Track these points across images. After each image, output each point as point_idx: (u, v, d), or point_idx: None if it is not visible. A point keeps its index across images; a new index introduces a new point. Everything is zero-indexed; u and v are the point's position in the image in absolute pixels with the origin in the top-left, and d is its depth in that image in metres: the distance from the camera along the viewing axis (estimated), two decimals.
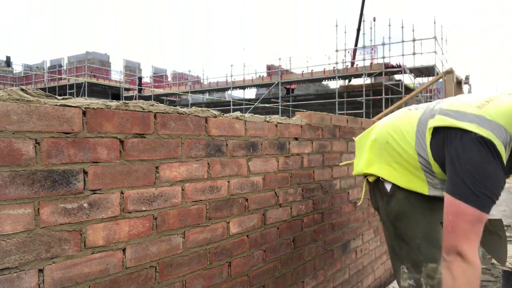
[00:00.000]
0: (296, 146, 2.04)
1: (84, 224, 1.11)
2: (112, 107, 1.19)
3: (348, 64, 17.46)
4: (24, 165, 0.98)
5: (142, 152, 1.27)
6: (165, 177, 1.34)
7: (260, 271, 1.79)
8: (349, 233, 2.57)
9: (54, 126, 1.04)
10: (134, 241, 1.24)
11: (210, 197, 1.52)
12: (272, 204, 1.86)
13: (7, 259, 0.95)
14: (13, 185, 0.96)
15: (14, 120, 0.97)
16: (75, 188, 1.09)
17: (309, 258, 2.15)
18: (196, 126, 1.46)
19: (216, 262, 1.55)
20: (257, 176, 1.77)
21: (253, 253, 1.74)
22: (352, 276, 2.63)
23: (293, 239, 2.02)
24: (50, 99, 1.06)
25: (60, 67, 26.05)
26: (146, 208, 1.28)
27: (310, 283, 2.16)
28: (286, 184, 1.97)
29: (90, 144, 1.12)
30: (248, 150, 1.72)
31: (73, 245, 1.08)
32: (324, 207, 2.29)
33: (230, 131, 1.62)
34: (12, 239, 0.96)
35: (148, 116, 1.29)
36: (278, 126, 1.91)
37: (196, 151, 1.47)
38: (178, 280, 1.39)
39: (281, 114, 16.72)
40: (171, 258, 1.36)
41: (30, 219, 0.99)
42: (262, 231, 1.80)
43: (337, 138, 2.45)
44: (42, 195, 1.02)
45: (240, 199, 1.67)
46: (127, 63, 26.45)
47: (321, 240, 2.26)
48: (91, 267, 1.12)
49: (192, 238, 1.44)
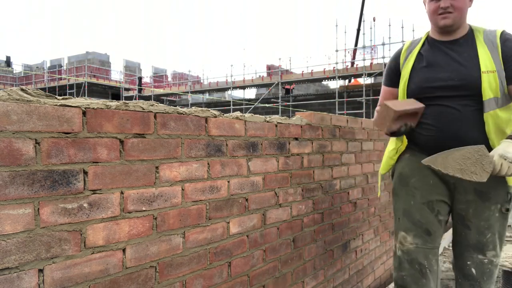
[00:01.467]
0: (296, 146, 2.04)
1: (84, 224, 1.11)
2: (112, 107, 1.19)
3: (348, 64, 17.47)
4: (24, 165, 0.98)
5: (142, 152, 1.27)
6: (165, 177, 1.34)
7: (260, 271, 1.79)
8: (349, 233, 2.57)
9: (54, 126, 1.04)
10: (134, 241, 1.24)
11: (210, 197, 1.52)
12: (272, 204, 1.86)
13: (7, 259, 0.95)
14: (13, 185, 0.96)
15: (14, 120, 0.97)
16: (75, 188, 1.09)
17: (309, 258, 2.15)
18: (196, 126, 1.46)
19: (216, 262, 1.55)
20: (257, 176, 1.77)
21: (253, 253, 1.74)
22: (352, 276, 2.63)
23: (293, 239, 2.02)
24: (50, 99, 1.06)
25: (60, 67, 26.05)
26: (146, 208, 1.28)
27: (310, 283, 2.16)
28: (286, 184, 1.97)
29: (90, 144, 1.12)
30: (248, 150, 1.72)
31: (73, 245, 1.08)
32: (324, 207, 2.29)
33: (230, 131, 1.62)
34: (12, 239, 0.96)
35: (148, 116, 1.29)
36: (278, 126, 1.91)
37: (196, 151, 1.47)
38: (178, 280, 1.39)
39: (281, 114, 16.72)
40: (171, 258, 1.36)
41: (30, 219, 0.99)
42: (262, 231, 1.80)
43: (337, 138, 2.45)
44: (42, 195, 1.02)
45: (240, 199, 1.67)
46: (127, 63, 26.45)
47: (321, 240, 2.26)
48: (91, 267, 1.12)
49: (192, 238, 1.44)
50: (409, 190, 1.95)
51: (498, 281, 3.38)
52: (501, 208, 1.83)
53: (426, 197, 1.91)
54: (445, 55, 1.84)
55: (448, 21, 1.78)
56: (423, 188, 1.92)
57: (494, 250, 1.86)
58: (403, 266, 1.92)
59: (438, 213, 1.90)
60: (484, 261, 1.86)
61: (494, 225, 1.85)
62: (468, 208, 1.86)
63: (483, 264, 1.86)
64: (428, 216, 1.90)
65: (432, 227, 1.90)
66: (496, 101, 1.75)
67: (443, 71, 1.82)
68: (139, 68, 26.65)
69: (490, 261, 1.86)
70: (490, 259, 1.86)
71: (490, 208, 1.83)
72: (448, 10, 1.76)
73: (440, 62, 1.84)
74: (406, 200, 1.96)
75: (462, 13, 1.78)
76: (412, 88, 1.89)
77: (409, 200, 1.95)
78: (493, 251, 1.86)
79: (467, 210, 1.87)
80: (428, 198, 1.90)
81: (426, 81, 1.85)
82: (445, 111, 1.81)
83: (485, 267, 1.87)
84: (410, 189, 1.95)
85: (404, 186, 1.98)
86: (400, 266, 1.94)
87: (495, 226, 1.85)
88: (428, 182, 1.91)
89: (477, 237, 1.86)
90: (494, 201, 1.83)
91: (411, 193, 1.94)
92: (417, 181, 1.94)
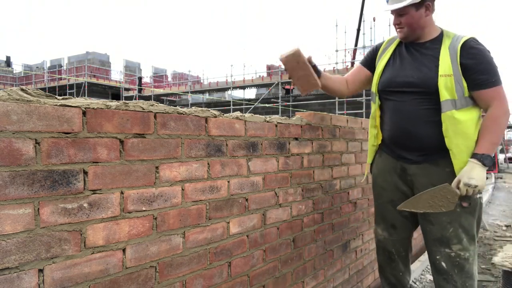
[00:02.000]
0: (296, 146, 2.04)
1: (84, 224, 1.11)
2: (112, 107, 1.19)
3: (348, 64, 17.46)
4: (24, 165, 0.98)
5: (142, 152, 1.27)
6: (165, 177, 1.34)
7: (260, 271, 1.79)
8: (349, 233, 2.57)
9: (54, 126, 1.04)
10: (134, 241, 1.24)
11: (210, 197, 1.52)
12: (272, 204, 1.86)
13: (7, 259, 0.95)
14: (13, 185, 0.96)
15: (14, 120, 0.97)
16: (75, 188, 1.09)
17: (309, 258, 2.15)
18: (196, 126, 1.46)
19: (216, 262, 1.55)
20: (257, 176, 1.77)
21: (253, 253, 1.74)
22: (352, 276, 2.63)
23: (293, 239, 2.02)
24: (50, 99, 1.06)
25: (60, 67, 26.06)
26: (146, 208, 1.28)
27: (310, 283, 2.16)
28: (286, 184, 1.97)
29: (90, 144, 1.12)
30: (248, 150, 1.72)
31: (73, 245, 1.08)
32: (324, 207, 2.29)
33: (230, 131, 1.62)
34: (12, 239, 0.96)
35: (148, 116, 1.29)
36: (278, 126, 1.91)
37: (196, 151, 1.47)
38: (178, 280, 1.39)
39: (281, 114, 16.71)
40: (171, 258, 1.36)
41: (30, 219, 0.99)
42: (262, 231, 1.80)
43: (337, 138, 2.45)
44: (42, 195, 1.01)
45: (240, 199, 1.67)
46: (127, 63, 26.46)
47: (321, 240, 2.26)
48: (91, 267, 1.12)
49: (192, 238, 1.44)
50: (377, 189, 2.26)
51: (498, 281, 3.38)
52: (461, 202, 1.91)
53: (390, 197, 2.18)
54: (412, 55, 2.04)
55: (401, 35, 2.05)
56: (387, 188, 2.18)
57: (460, 244, 1.95)
58: (379, 252, 2.34)
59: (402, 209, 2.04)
60: (451, 254, 1.96)
61: (456, 219, 1.95)
62: None
63: (451, 257, 1.97)
64: (392, 212, 2.17)
65: (397, 222, 2.19)
66: (453, 103, 1.88)
67: (407, 69, 2.02)
68: (139, 68, 26.66)
69: (458, 255, 1.95)
70: (457, 253, 1.95)
71: None
72: (400, 26, 2.01)
73: (407, 61, 2.05)
74: (376, 199, 2.29)
75: (413, 27, 1.98)
76: (382, 80, 2.11)
77: (378, 199, 2.27)
78: (459, 244, 1.95)
79: None
80: (391, 198, 2.17)
81: (392, 76, 2.06)
82: (401, 106, 2.01)
83: (454, 260, 1.96)
84: (378, 189, 2.25)
85: (374, 185, 2.30)
86: (377, 252, 2.36)
87: (458, 221, 1.95)
88: (391, 183, 2.16)
89: (440, 231, 1.98)
90: None
91: (379, 192, 2.25)
92: (383, 181, 2.21)
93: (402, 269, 2.27)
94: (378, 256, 2.35)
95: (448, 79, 1.87)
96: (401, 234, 2.20)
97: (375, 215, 2.32)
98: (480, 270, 3.78)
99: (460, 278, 1.96)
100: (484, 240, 4.96)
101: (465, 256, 1.95)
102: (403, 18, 1.96)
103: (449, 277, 1.98)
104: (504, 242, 4.84)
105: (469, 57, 1.87)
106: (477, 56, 1.87)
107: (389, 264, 2.28)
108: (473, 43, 1.91)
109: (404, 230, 2.20)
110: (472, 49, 1.88)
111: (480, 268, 3.84)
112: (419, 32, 2.00)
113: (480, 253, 4.34)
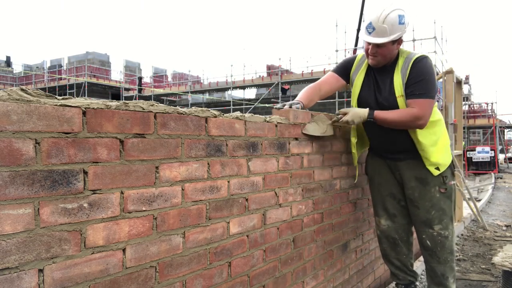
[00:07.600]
0: (296, 146, 2.04)
1: (84, 224, 1.10)
2: (112, 107, 1.19)
3: None
4: (24, 165, 0.98)
5: (142, 152, 1.27)
6: (165, 177, 1.34)
7: (260, 271, 1.79)
8: (349, 233, 2.58)
9: (54, 126, 1.04)
10: (134, 241, 1.24)
11: (210, 197, 1.52)
12: (272, 204, 1.86)
13: (7, 259, 0.95)
14: (13, 185, 0.96)
15: (14, 120, 0.97)
16: (75, 188, 1.09)
17: (309, 258, 2.15)
18: (196, 126, 1.46)
19: (216, 262, 1.55)
20: (257, 176, 1.77)
21: (253, 253, 1.74)
22: (352, 276, 2.63)
23: (293, 239, 2.02)
24: (50, 99, 1.06)
25: (60, 67, 26.06)
26: (146, 208, 1.28)
27: (310, 283, 2.16)
28: (286, 184, 1.96)
29: (90, 144, 1.12)
30: (248, 150, 1.72)
31: (73, 245, 1.08)
32: (324, 207, 2.29)
33: (230, 131, 1.62)
34: (12, 239, 0.96)
35: (148, 116, 1.29)
36: (278, 126, 1.91)
37: (196, 151, 1.46)
38: (178, 280, 1.39)
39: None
40: (171, 258, 1.36)
41: (30, 219, 0.99)
42: (262, 231, 1.80)
43: (337, 138, 2.45)
44: (42, 195, 1.01)
45: (240, 199, 1.67)
46: (127, 63, 26.46)
47: (321, 240, 2.26)
48: (91, 267, 1.12)
49: (192, 238, 1.44)
50: (375, 186, 2.62)
51: (498, 281, 3.38)
52: (439, 189, 2.37)
53: (388, 190, 2.56)
54: (379, 78, 2.36)
55: (373, 62, 2.32)
56: (384, 184, 2.56)
57: (440, 224, 2.38)
58: (382, 240, 2.64)
59: (400, 200, 2.54)
60: (434, 233, 2.40)
61: (437, 203, 2.38)
62: (414, 192, 2.42)
63: (434, 236, 2.40)
64: (392, 203, 2.55)
65: (396, 211, 2.55)
66: None
67: (376, 91, 2.36)
68: (139, 68, 26.66)
69: (439, 233, 2.39)
70: (438, 232, 2.39)
71: (430, 191, 2.38)
72: (374, 54, 2.26)
73: (372, 84, 2.38)
74: (376, 194, 2.62)
75: (387, 58, 2.27)
76: (360, 100, 2.43)
77: (378, 194, 2.61)
78: (439, 225, 2.38)
79: (414, 194, 2.42)
80: (389, 191, 2.55)
81: (368, 96, 2.40)
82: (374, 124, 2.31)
83: (436, 239, 2.40)
84: (376, 185, 2.61)
85: (372, 183, 2.65)
86: (380, 241, 2.66)
87: (438, 204, 2.38)
88: (386, 178, 2.55)
89: (425, 214, 2.40)
90: (432, 184, 2.37)
91: (377, 188, 2.60)
92: (379, 179, 2.58)
93: (405, 252, 2.61)
94: (382, 245, 2.65)
95: (402, 99, 2.24)
96: (401, 221, 2.56)
97: (376, 208, 2.62)
98: (480, 270, 3.78)
99: (443, 254, 2.40)
100: (484, 240, 4.96)
101: (445, 234, 2.39)
102: (380, 49, 2.21)
103: (433, 253, 2.43)
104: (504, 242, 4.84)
105: (411, 71, 2.22)
106: (417, 71, 2.21)
107: (394, 249, 2.60)
108: (422, 60, 2.23)
109: (404, 217, 2.56)
110: (415, 65, 2.22)
111: (480, 268, 3.84)
112: (387, 60, 2.30)
113: (480, 253, 4.35)
